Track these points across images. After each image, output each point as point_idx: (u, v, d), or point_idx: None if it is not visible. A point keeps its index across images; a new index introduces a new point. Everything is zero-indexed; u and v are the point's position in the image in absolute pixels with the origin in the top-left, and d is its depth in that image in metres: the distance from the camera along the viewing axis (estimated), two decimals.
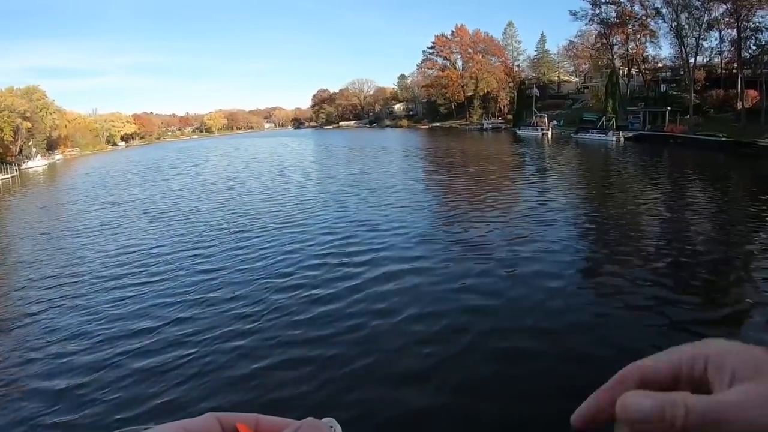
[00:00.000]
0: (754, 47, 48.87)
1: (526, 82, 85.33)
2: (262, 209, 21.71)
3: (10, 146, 75.42)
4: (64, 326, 10.07)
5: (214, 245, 15.78)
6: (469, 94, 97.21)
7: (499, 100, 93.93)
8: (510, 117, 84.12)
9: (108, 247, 16.81)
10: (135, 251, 15.84)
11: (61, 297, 11.92)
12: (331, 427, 0.46)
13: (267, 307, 10.18)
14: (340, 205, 21.26)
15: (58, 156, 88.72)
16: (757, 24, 48.21)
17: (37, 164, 71.36)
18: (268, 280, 11.85)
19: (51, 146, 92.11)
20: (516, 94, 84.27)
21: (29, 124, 79.88)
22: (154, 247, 16.18)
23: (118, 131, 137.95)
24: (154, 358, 8.37)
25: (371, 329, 8.94)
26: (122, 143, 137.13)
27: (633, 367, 0.47)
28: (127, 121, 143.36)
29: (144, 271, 13.52)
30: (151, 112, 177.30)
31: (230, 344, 8.63)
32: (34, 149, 78.78)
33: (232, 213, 21.37)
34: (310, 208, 21.28)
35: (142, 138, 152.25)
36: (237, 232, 17.42)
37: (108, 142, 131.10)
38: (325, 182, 29.50)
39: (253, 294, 10.95)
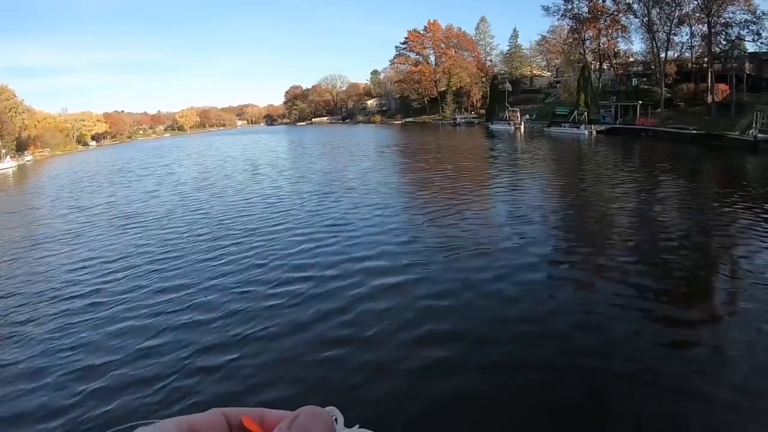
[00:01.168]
0: (724, 42, 49.10)
1: (499, 76, 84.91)
2: (236, 213, 19.81)
3: None
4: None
5: (184, 254, 14.06)
6: (442, 89, 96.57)
7: (471, 94, 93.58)
8: (483, 112, 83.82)
9: (69, 259, 14.81)
10: (98, 262, 14.06)
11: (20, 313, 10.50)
12: (333, 416, 0.45)
13: (247, 316, 9.29)
14: (315, 206, 19.81)
15: (28, 157, 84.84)
16: (727, 19, 48.43)
17: (6, 166, 68.30)
18: (246, 289, 10.82)
19: (20, 147, 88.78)
20: (489, 88, 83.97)
21: None
22: (118, 258, 14.23)
23: (89, 131, 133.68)
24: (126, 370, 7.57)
25: (353, 330, 8.38)
26: (93, 143, 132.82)
27: None
28: (98, 121, 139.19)
29: (105, 285, 11.81)
30: (123, 111, 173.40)
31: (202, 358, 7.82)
32: (3, 150, 75.51)
33: (204, 217, 19.43)
34: (287, 210, 19.62)
35: (113, 137, 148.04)
36: (208, 238, 15.80)
37: (79, 142, 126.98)
38: (299, 182, 27.75)
39: (226, 304, 9.92)
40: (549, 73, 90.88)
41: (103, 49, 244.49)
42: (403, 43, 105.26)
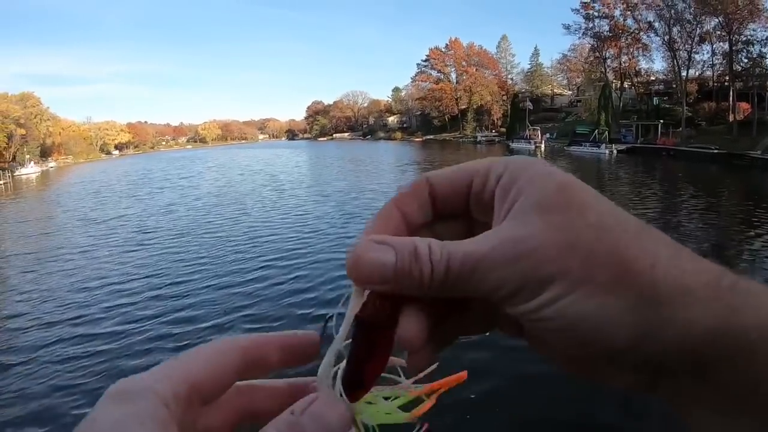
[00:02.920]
0: (746, 60, 49.18)
1: (520, 95, 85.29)
2: (261, 235, 17.96)
3: (4, 152, 75.18)
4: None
5: (205, 277, 12.78)
6: (463, 107, 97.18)
7: (492, 112, 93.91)
8: (503, 130, 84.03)
9: (77, 277, 13.82)
10: (107, 284, 12.86)
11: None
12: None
13: None
14: (341, 229, 18.54)
15: (51, 163, 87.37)
16: (748, 37, 48.67)
17: (30, 171, 70.45)
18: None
19: (44, 153, 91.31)
20: (509, 107, 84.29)
21: (23, 131, 79.60)
22: (129, 280, 13.04)
23: (112, 140, 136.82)
24: None
25: None
26: (116, 152, 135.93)
27: (422, 182, 0.40)
28: (121, 130, 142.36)
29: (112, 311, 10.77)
30: (146, 122, 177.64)
31: None
32: (28, 156, 78.10)
33: (228, 239, 17.69)
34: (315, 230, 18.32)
35: (136, 147, 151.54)
36: (231, 261, 14.52)
37: (102, 150, 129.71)
38: (323, 200, 26.56)
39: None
40: (570, 92, 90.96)
41: (127, 61, 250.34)
42: (424, 61, 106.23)
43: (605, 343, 0.32)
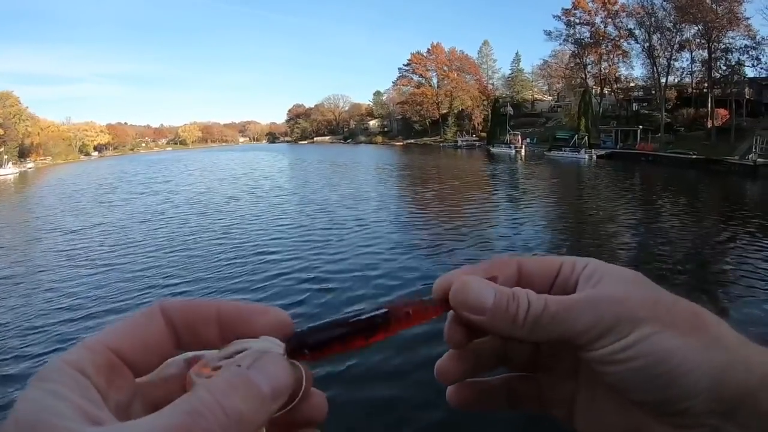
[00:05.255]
0: (724, 67, 49.51)
1: (500, 100, 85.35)
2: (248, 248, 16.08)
3: None
4: None
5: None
6: (444, 111, 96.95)
7: (473, 117, 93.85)
8: (484, 134, 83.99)
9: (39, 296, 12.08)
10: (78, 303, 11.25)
11: None
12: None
13: None
14: (327, 232, 17.48)
15: (29, 164, 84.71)
16: (727, 45, 49.04)
17: (7, 172, 68.33)
18: None
19: (23, 154, 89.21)
20: (490, 111, 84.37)
21: (1, 131, 77.72)
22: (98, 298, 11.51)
23: (92, 141, 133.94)
24: None
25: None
26: (95, 153, 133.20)
27: (512, 259, 0.45)
28: (101, 131, 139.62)
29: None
30: (126, 123, 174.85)
31: None
32: (6, 157, 75.88)
33: (210, 251, 15.92)
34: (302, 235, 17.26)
35: (115, 149, 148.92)
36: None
37: (81, 151, 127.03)
38: (310, 205, 25.01)
39: None
40: (550, 98, 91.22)
41: (109, 61, 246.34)
42: (406, 65, 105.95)
43: (688, 379, 0.36)
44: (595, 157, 49.51)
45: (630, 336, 0.37)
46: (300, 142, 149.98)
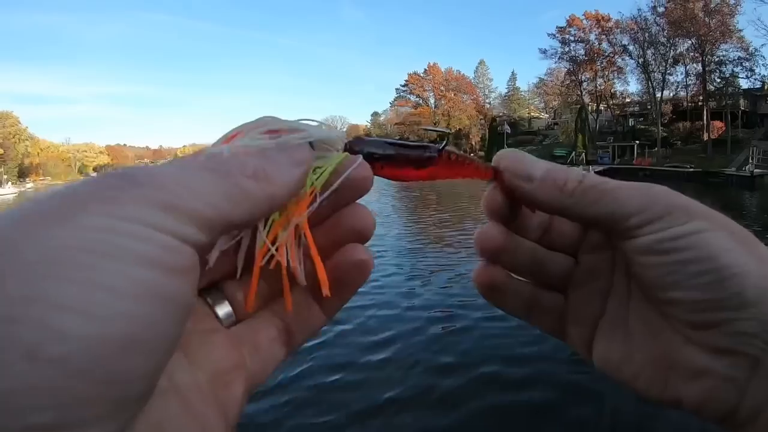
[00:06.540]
0: (719, 80, 49.09)
1: (497, 119, 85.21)
2: None
3: None
4: None
5: None
6: None
7: (470, 137, 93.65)
8: (482, 154, 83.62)
9: None
10: None
11: None
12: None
13: None
14: None
15: (29, 184, 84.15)
16: (720, 57, 48.62)
17: (7, 192, 67.90)
18: None
19: (22, 174, 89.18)
20: (487, 130, 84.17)
21: (1, 151, 78.00)
22: None
23: (91, 162, 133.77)
24: None
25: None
26: (94, 174, 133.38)
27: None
28: (100, 152, 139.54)
29: None
30: (125, 144, 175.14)
31: None
32: (5, 176, 75.72)
33: None
34: None
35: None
36: None
37: (80, 172, 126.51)
38: None
39: None
40: (547, 115, 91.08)
41: (108, 82, 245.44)
42: (403, 86, 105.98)
43: (738, 284, 0.33)
44: (593, 173, 48.98)
45: (684, 225, 0.35)
46: None
